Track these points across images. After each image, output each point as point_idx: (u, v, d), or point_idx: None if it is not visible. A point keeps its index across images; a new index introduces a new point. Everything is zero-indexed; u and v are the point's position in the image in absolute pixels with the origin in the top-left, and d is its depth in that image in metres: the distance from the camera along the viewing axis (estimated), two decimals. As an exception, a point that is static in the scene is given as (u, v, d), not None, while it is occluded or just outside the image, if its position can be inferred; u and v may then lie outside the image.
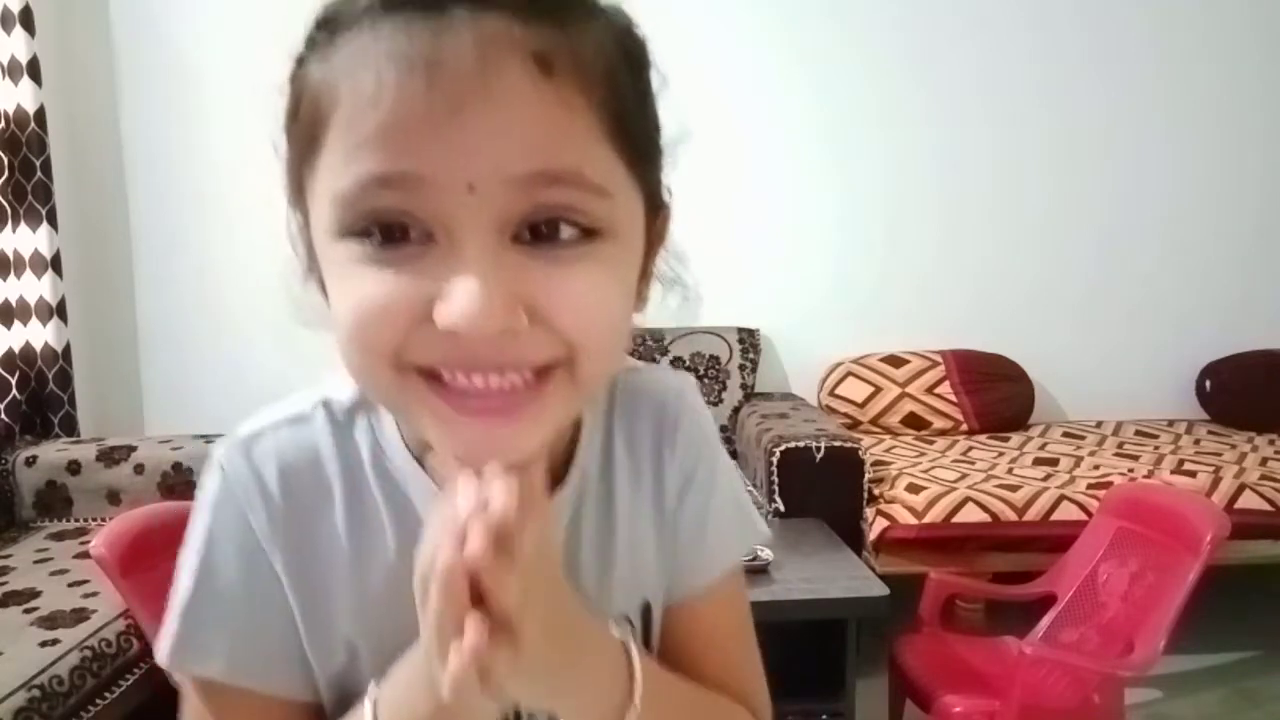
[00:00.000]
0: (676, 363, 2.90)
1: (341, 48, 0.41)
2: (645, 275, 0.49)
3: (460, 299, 0.39)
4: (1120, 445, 2.76)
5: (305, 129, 0.44)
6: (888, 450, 2.70)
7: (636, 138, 0.44)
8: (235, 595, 0.50)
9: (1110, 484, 2.30)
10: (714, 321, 2.90)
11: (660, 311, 0.53)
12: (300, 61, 0.45)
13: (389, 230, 0.41)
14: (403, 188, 0.39)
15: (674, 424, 0.57)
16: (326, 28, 0.43)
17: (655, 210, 0.48)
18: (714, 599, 0.59)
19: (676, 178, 0.51)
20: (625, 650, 0.50)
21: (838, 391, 2.95)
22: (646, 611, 0.56)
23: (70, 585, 2.00)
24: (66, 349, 2.76)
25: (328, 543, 0.51)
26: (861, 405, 2.92)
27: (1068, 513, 2.23)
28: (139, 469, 2.47)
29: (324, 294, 0.48)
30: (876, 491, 2.35)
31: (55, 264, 2.71)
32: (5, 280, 2.66)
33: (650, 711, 0.49)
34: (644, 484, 0.57)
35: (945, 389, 2.93)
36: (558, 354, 0.42)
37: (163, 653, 0.51)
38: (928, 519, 2.22)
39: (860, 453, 2.29)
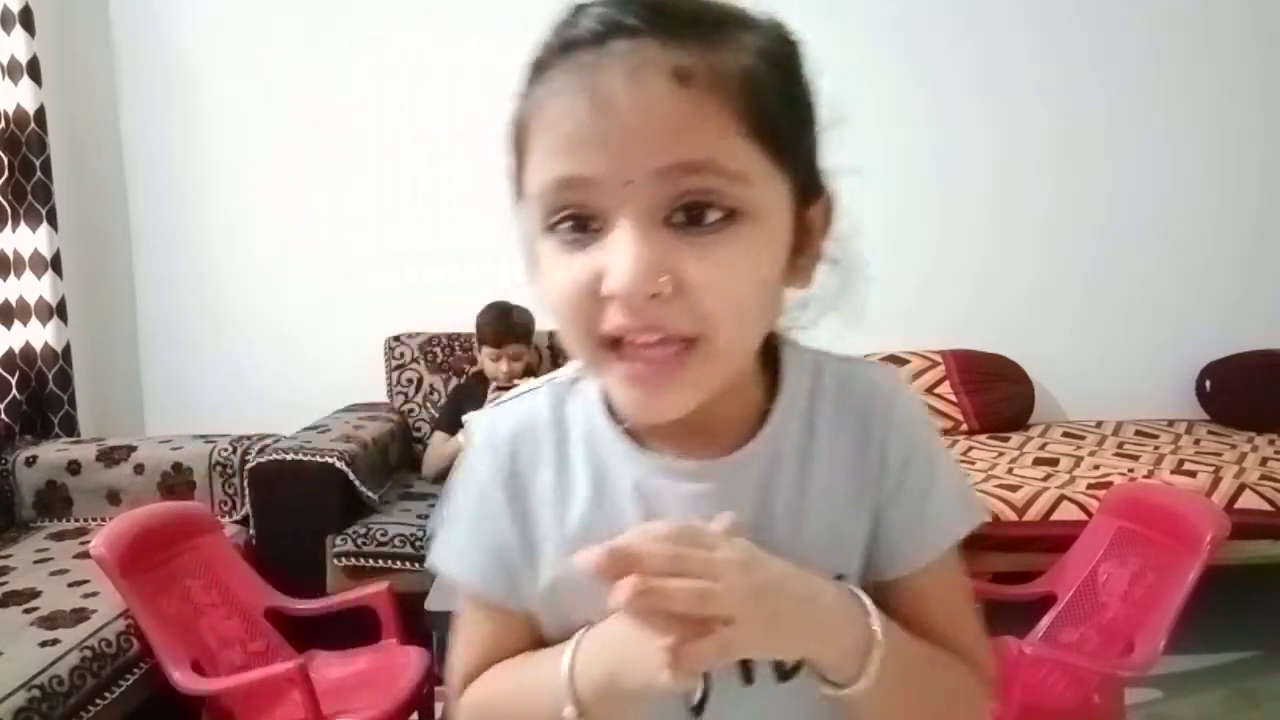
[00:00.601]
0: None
1: (537, 86, 0.53)
2: (807, 255, 0.57)
3: (614, 268, 0.49)
4: (1120, 445, 2.76)
5: (518, 151, 0.55)
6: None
7: (777, 132, 0.51)
8: (471, 523, 0.65)
9: (1110, 484, 2.30)
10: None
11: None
12: (516, 100, 0.55)
13: (573, 221, 0.51)
14: (577, 187, 0.50)
15: (886, 416, 0.62)
16: (531, 70, 0.54)
17: (810, 197, 0.56)
18: (936, 574, 0.62)
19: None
20: (852, 594, 0.57)
21: (838, 391, 2.95)
22: (839, 580, 0.60)
23: (70, 585, 2.00)
24: (66, 349, 2.76)
25: (539, 492, 0.62)
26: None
27: (1068, 513, 2.22)
28: (139, 469, 2.47)
29: (535, 275, 0.58)
30: (876, 491, 2.34)
31: (55, 264, 2.72)
32: (5, 280, 2.66)
33: (889, 648, 0.55)
34: (846, 467, 0.61)
35: (945, 389, 2.93)
36: (697, 329, 0.51)
37: (429, 558, 0.67)
38: (928, 519, 2.21)
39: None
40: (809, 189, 0.56)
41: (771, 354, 0.63)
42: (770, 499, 0.60)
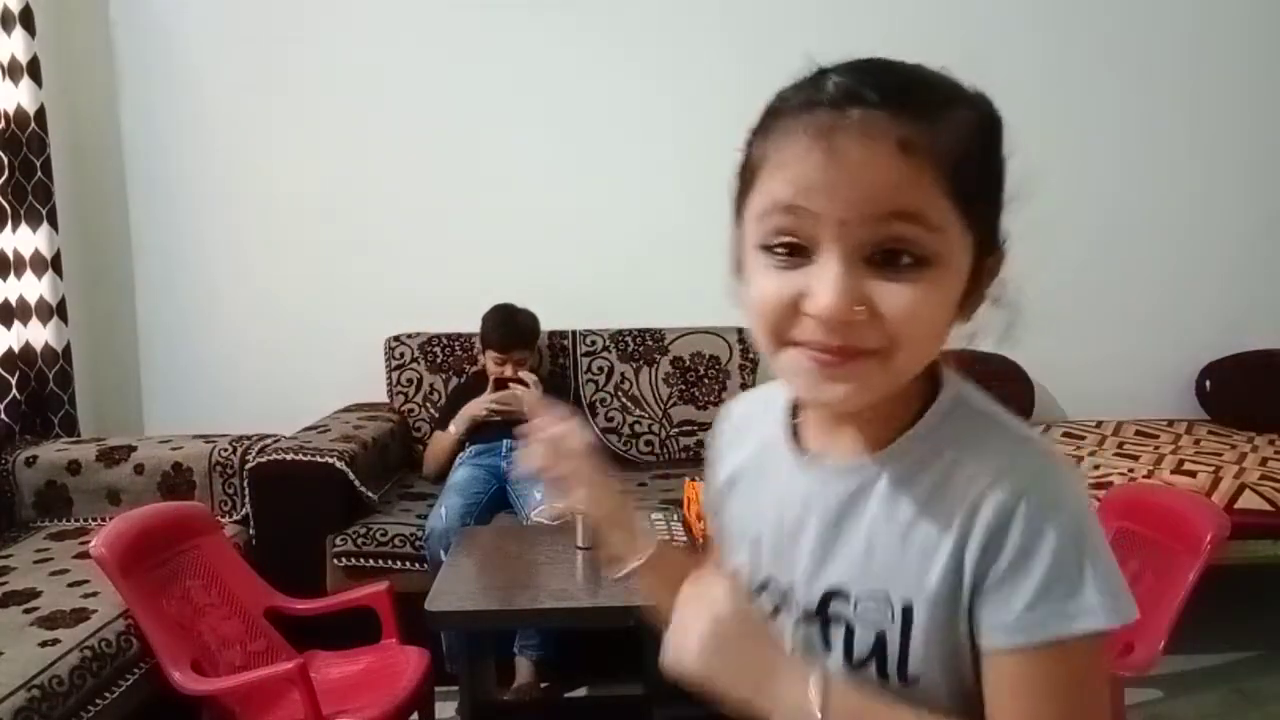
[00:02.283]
0: (676, 363, 2.90)
1: (776, 128, 0.61)
2: (974, 296, 0.66)
3: (820, 293, 0.58)
4: (1120, 445, 2.76)
5: (746, 178, 0.64)
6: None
7: (972, 196, 0.61)
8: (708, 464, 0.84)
9: (1110, 484, 2.30)
10: (714, 321, 2.90)
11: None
12: (751, 135, 0.65)
13: (791, 247, 0.60)
14: (798, 216, 0.59)
15: (993, 493, 0.62)
16: (770, 116, 0.63)
17: (988, 250, 0.65)
18: (1018, 660, 0.61)
19: (678, 179, 0.58)
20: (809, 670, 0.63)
21: (838, 391, 2.95)
22: (908, 610, 0.64)
23: (70, 585, 2.00)
24: (66, 349, 2.77)
25: (741, 465, 0.79)
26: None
27: (1068, 513, 2.22)
28: (139, 469, 2.47)
29: (740, 279, 0.67)
30: (876, 491, 2.35)
31: (55, 264, 2.72)
32: (5, 280, 2.66)
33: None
34: (939, 513, 0.64)
35: (945, 389, 2.93)
36: (881, 344, 0.59)
37: None
38: (928, 519, 2.21)
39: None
40: (988, 243, 0.65)
41: (938, 386, 0.70)
42: (874, 511, 0.67)
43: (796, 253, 0.60)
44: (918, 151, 0.57)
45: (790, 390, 0.72)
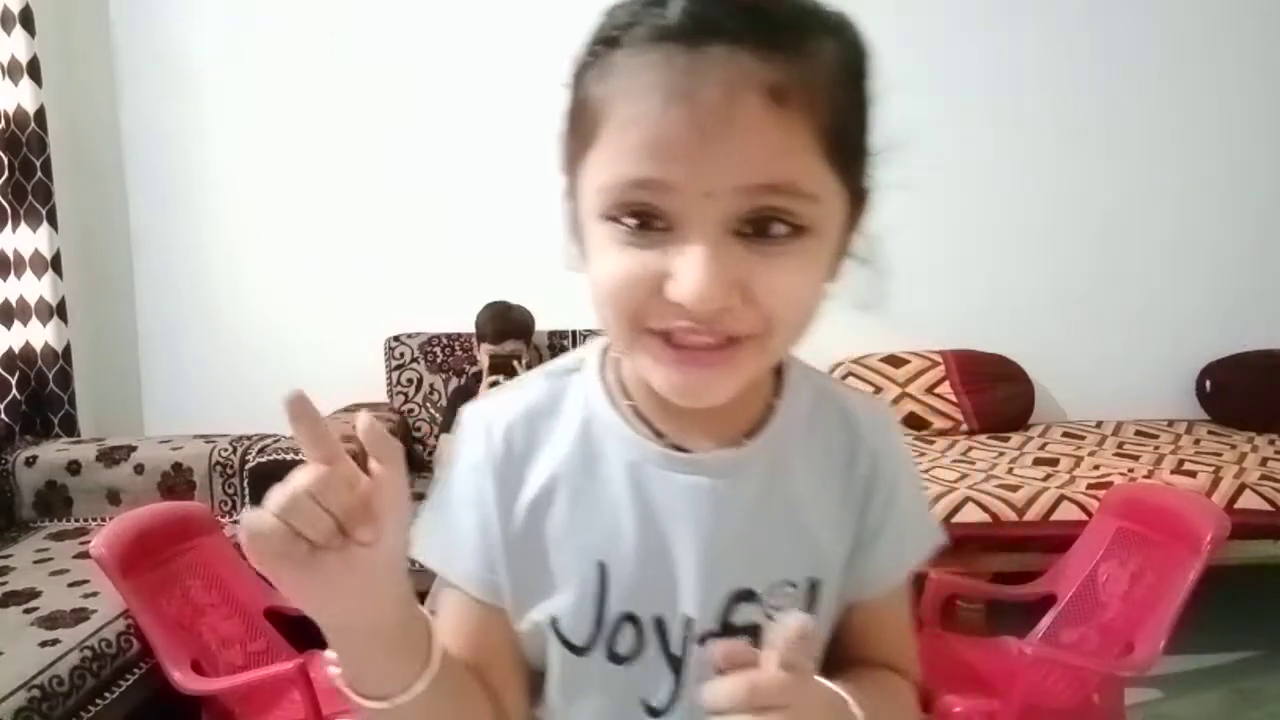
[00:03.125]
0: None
1: (617, 67, 0.50)
2: (840, 254, 0.58)
3: (687, 280, 0.49)
4: (1120, 445, 2.76)
5: (583, 127, 0.53)
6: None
7: (848, 148, 0.53)
8: (459, 512, 0.63)
9: (1110, 484, 2.30)
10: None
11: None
12: (582, 68, 0.53)
13: (641, 218, 0.51)
14: (654, 190, 0.50)
15: (879, 446, 0.65)
16: (606, 45, 0.52)
17: (858, 203, 0.58)
18: (894, 596, 0.67)
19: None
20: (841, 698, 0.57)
21: (838, 391, 2.95)
22: (814, 587, 0.62)
23: (70, 585, 2.00)
24: (66, 349, 2.76)
25: (532, 477, 0.62)
26: (861, 405, 2.92)
27: (1068, 513, 2.22)
28: (139, 469, 2.47)
29: (580, 249, 0.57)
30: (876, 491, 2.35)
31: (55, 264, 2.72)
32: (5, 280, 2.66)
33: None
34: (835, 484, 0.64)
35: (945, 389, 2.93)
36: (756, 329, 0.52)
37: (413, 546, 0.63)
38: (928, 519, 2.21)
39: (860, 453, 2.29)
40: (859, 198, 0.58)
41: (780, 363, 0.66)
42: (760, 500, 0.61)
43: (649, 225, 0.51)
44: (790, 102, 0.48)
45: (629, 369, 0.63)
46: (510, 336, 2.65)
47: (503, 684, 0.63)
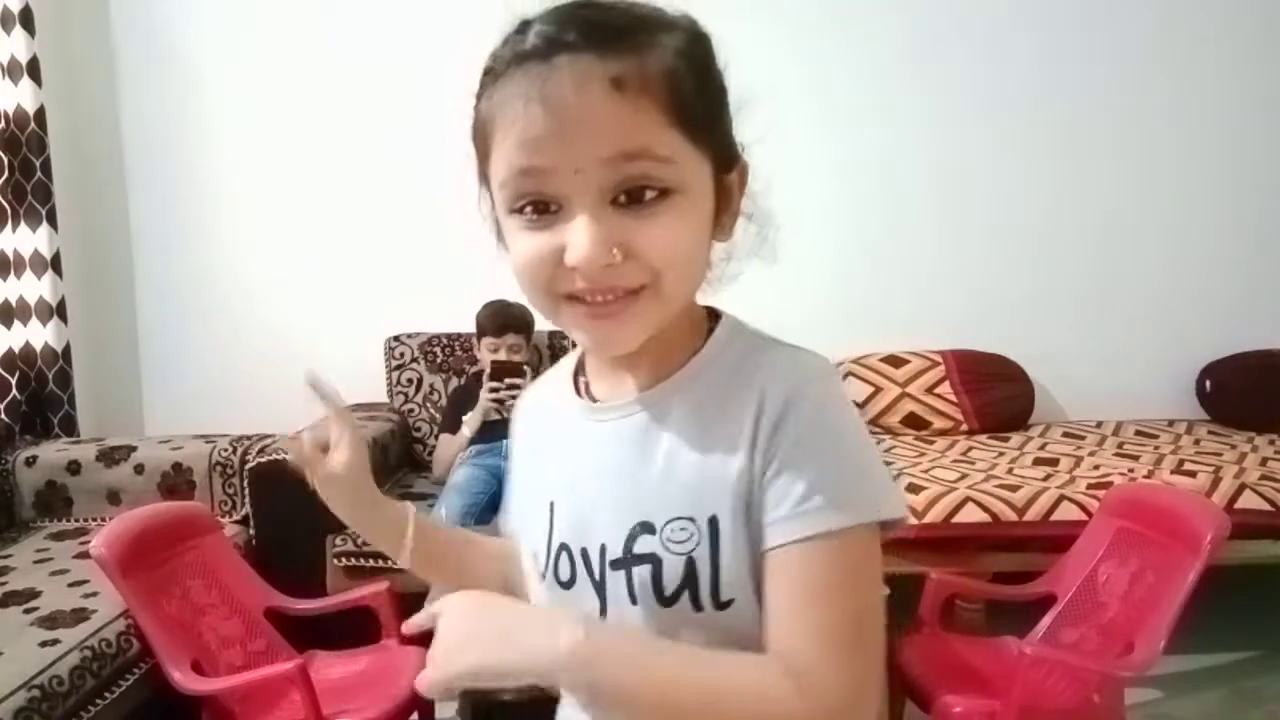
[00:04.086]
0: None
1: (496, 91, 0.62)
2: (728, 214, 0.68)
3: (575, 245, 0.60)
4: (1120, 445, 2.76)
5: (481, 144, 0.66)
6: (888, 450, 2.70)
7: (696, 119, 0.61)
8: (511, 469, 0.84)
9: (1110, 484, 2.30)
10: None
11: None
12: (478, 97, 0.66)
13: (536, 205, 0.61)
14: (536, 176, 0.60)
15: (779, 381, 0.65)
16: (487, 76, 0.64)
17: (728, 166, 0.66)
18: (795, 558, 0.62)
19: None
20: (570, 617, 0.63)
21: (838, 391, 2.95)
22: (714, 524, 0.64)
23: (70, 585, 2.00)
24: (66, 349, 2.76)
25: (531, 442, 0.80)
26: (862, 405, 2.92)
27: (1068, 513, 2.22)
28: (139, 469, 2.47)
29: (505, 247, 0.68)
30: (876, 491, 2.34)
31: (55, 264, 2.72)
32: (5, 280, 2.66)
33: (602, 657, 0.60)
34: (735, 425, 0.65)
35: (945, 389, 2.93)
36: (645, 279, 0.61)
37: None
38: (928, 519, 2.21)
39: (860, 453, 2.29)
40: (726, 160, 0.66)
41: (713, 322, 0.73)
42: (652, 442, 0.68)
43: (544, 210, 0.61)
44: (631, 87, 0.58)
45: (576, 349, 0.76)
46: (510, 330, 2.65)
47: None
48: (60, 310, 2.74)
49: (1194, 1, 3.02)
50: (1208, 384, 3.03)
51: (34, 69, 2.66)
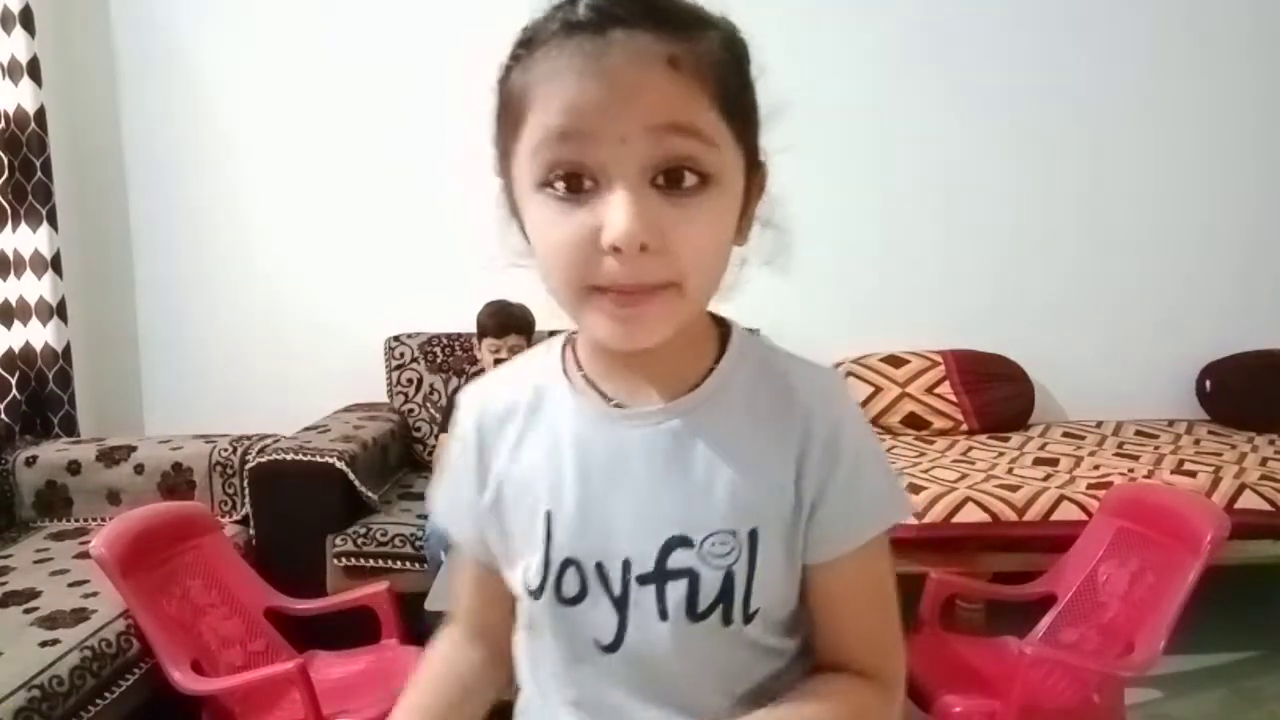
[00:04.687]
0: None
1: (537, 61, 0.59)
2: (746, 217, 0.66)
3: (615, 220, 0.56)
4: (1120, 445, 2.76)
5: (512, 115, 0.61)
6: (888, 450, 2.70)
7: (738, 112, 0.61)
8: (451, 479, 0.75)
9: (1110, 484, 2.30)
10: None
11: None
12: (507, 70, 0.62)
13: (568, 180, 0.58)
14: (577, 141, 0.57)
15: (822, 405, 0.67)
16: (525, 46, 0.60)
17: (754, 168, 0.65)
18: (859, 562, 0.67)
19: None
20: None
21: (838, 391, 2.95)
22: (754, 536, 0.64)
23: (70, 585, 2.00)
24: (66, 349, 2.77)
25: (502, 448, 0.71)
26: (862, 405, 2.91)
27: (1068, 513, 2.22)
28: (139, 469, 2.47)
29: (524, 237, 0.65)
30: (876, 491, 2.34)
31: (55, 264, 2.72)
32: (5, 280, 2.66)
33: None
34: (768, 441, 0.66)
35: (945, 389, 2.93)
36: (672, 277, 0.59)
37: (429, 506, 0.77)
38: (928, 519, 2.21)
39: (860, 453, 2.29)
40: (753, 161, 0.65)
41: (726, 332, 0.71)
42: (688, 453, 0.66)
43: (578, 187, 0.58)
44: (686, 67, 0.57)
45: (545, 346, 0.74)
46: (512, 330, 2.65)
47: (503, 626, 0.75)
48: (60, 310, 2.74)
49: (1194, 2, 3.02)
50: (1208, 384, 3.03)
51: (34, 69, 2.66)
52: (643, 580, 0.64)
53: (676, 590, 0.64)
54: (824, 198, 3.03)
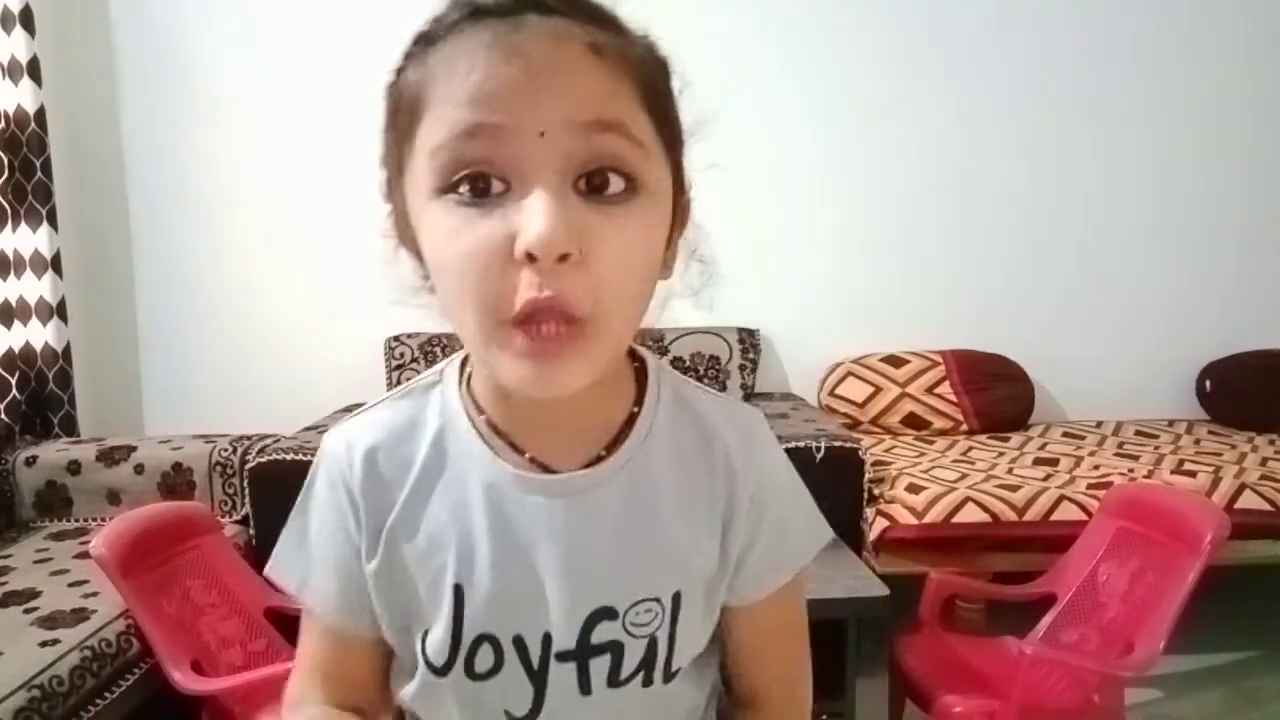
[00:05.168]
0: (676, 363, 2.90)
1: (436, 53, 0.52)
2: (671, 248, 0.58)
3: (533, 224, 0.48)
4: (1120, 445, 2.76)
5: (405, 115, 0.53)
6: (888, 450, 2.70)
7: (665, 116, 0.54)
8: (317, 539, 0.64)
9: (1110, 484, 2.30)
10: (714, 321, 2.90)
11: (677, 301, 0.62)
12: (398, 72, 0.55)
13: (474, 183, 0.50)
14: (487, 136, 0.49)
15: (743, 451, 0.63)
16: (421, 42, 0.54)
17: (680, 191, 0.58)
18: (778, 599, 0.66)
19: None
20: None
21: (838, 391, 2.95)
22: (677, 599, 0.61)
23: (70, 585, 2.00)
24: (66, 349, 2.76)
25: (393, 497, 0.61)
26: (861, 405, 2.92)
27: (1068, 513, 2.22)
28: (139, 469, 2.47)
29: (418, 261, 0.58)
30: (876, 491, 2.35)
31: (55, 264, 2.72)
32: (5, 280, 2.66)
33: None
34: (692, 494, 0.62)
35: (945, 389, 2.93)
36: (593, 309, 0.50)
37: (268, 566, 0.68)
38: (928, 519, 2.21)
39: (860, 453, 2.29)
40: (679, 182, 0.58)
41: (641, 366, 0.65)
42: (620, 516, 0.60)
43: (485, 190, 0.50)
44: (611, 56, 0.50)
45: (482, 381, 0.62)
46: None
47: (362, 695, 0.66)
48: (60, 310, 2.74)
49: (1194, 3, 3.02)
50: (1208, 384, 3.03)
51: (34, 69, 2.65)
52: (563, 657, 0.60)
53: (600, 665, 0.60)
54: (824, 198, 3.04)
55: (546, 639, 0.60)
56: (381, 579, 0.62)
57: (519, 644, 0.60)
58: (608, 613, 0.60)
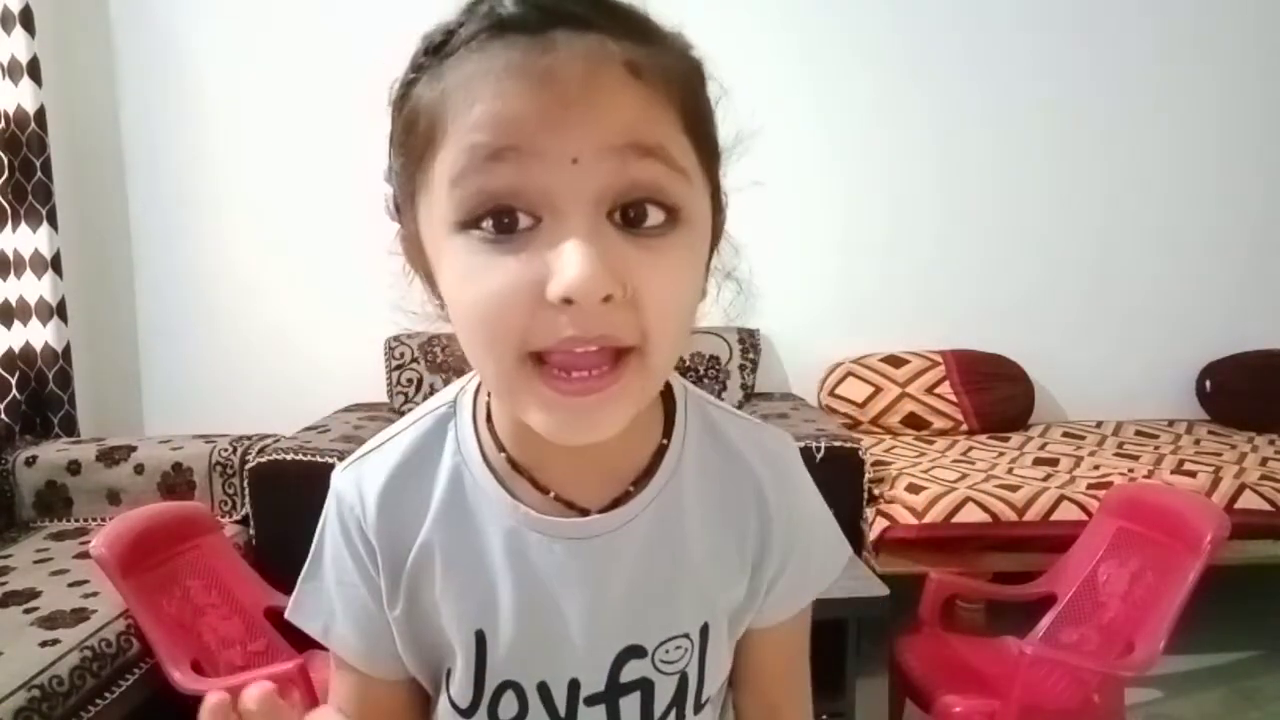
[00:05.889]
0: (676, 363, 2.90)
1: (452, 68, 0.46)
2: (705, 269, 0.54)
3: (569, 267, 0.43)
4: (1120, 445, 2.76)
5: (421, 138, 0.48)
6: (888, 450, 2.70)
7: (705, 137, 0.50)
8: (335, 583, 0.61)
9: (1110, 484, 2.30)
10: (714, 322, 2.88)
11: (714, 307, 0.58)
12: (408, 84, 0.49)
13: (499, 217, 0.45)
14: (513, 162, 0.44)
15: (775, 481, 0.62)
16: (434, 53, 0.47)
17: (717, 208, 0.54)
18: (796, 622, 0.67)
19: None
20: None
21: (838, 391, 2.95)
22: (705, 631, 0.60)
23: (70, 585, 2.00)
24: (66, 349, 2.76)
25: (411, 540, 0.58)
26: (861, 405, 2.92)
27: (1068, 513, 2.22)
28: (139, 469, 2.47)
29: (432, 292, 0.54)
30: (876, 491, 2.35)
31: (55, 264, 2.72)
32: (5, 280, 2.66)
33: None
34: (723, 528, 0.61)
35: (945, 389, 2.93)
36: (638, 340, 0.46)
37: (288, 609, 0.64)
38: (928, 519, 2.21)
39: (860, 453, 2.29)
40: (716, 199, 0.54)
41: (668, 393, 0.61)
42: (648, 554, 0.58)
43: (511, 225, 0.45)
44: (648, 76, 0.45)
45: (501, 415, 0.58)
46: None
47: None
48: (60, 310, 2.74)
49: (1193, 4, 3.02)
50: (1208, 384, 3.03)
51: (34, 69, 2.65)
52: (592, 701, 0.58)
53: (630, 704, 0.58)
54: (824, 198, 3.04)
55: (574, 685, 0.58)
56: (403, 624, 0.60)
57: (543, 691, 0.58)
58: (636, 651, 0.58)
